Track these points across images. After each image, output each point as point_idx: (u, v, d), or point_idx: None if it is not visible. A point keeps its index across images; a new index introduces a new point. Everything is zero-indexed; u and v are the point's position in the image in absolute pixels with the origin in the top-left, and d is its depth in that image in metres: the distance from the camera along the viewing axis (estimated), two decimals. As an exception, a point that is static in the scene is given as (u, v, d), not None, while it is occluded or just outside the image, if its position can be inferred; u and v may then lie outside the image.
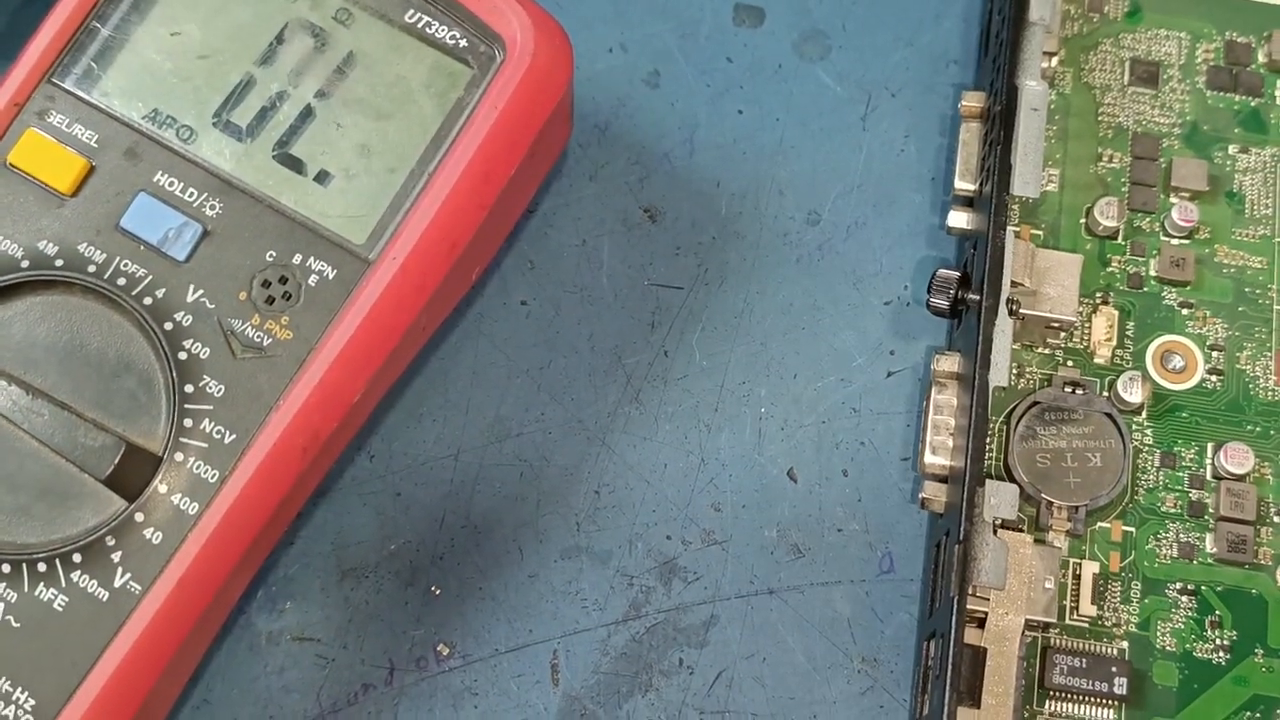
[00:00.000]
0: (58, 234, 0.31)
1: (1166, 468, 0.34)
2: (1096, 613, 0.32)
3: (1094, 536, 0.33)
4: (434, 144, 0.31)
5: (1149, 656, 0.32)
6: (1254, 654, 0.32)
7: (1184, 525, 0.33)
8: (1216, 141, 0.36)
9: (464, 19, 0.32)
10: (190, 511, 0.29)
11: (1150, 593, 0.33)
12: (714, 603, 0.34)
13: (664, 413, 0.35)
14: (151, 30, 0.32)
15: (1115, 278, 0.35)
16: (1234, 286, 0.35)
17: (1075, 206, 0.36)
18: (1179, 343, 0.35)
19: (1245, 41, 0.37)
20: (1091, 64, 0.37)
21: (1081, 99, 0.37)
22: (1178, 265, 0.35)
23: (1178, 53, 0.37)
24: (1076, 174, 0.36)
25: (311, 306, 0.31)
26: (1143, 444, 0.34)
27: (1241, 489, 0.33)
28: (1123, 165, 0.36)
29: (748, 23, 0.39)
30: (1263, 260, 0.35)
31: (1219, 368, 0.34)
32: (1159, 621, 0.32)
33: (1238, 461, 0.33)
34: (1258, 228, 0.36)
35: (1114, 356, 0.34)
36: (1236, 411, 0.34)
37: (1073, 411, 0.33)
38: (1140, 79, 0.37)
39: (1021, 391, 0.34)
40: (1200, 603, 0.32)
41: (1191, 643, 0.32)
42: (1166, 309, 0.35)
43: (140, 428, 0.30)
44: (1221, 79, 0.37)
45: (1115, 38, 0.37)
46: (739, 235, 0.37)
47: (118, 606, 0.29)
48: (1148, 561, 0.33)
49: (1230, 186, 0.36)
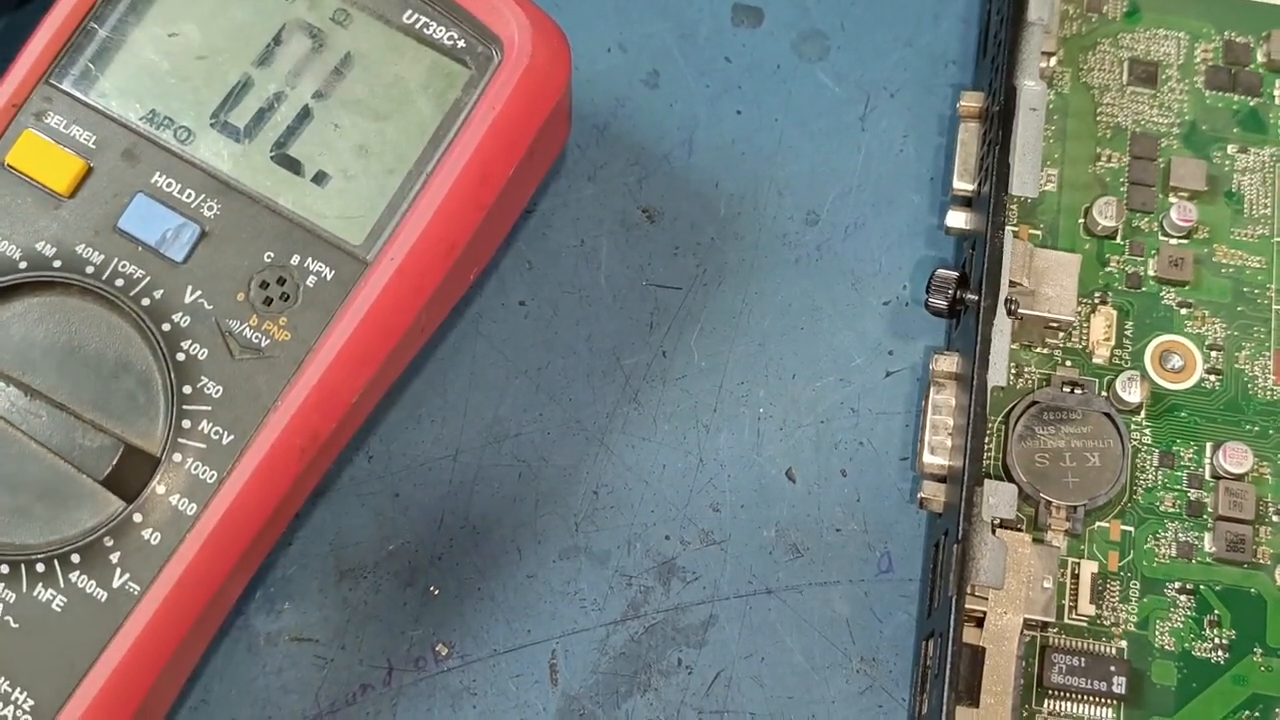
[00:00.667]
0: (55, 235, 0.31)
1: (1165, 467, 0.34)
2: (1095, 612, 0.32)
3: (1092, 536, 0.33)
4: (432, 145, 0.31)
5: (1148, 656, 0.32)
6: (1253, 653, 0.32)
7: (1183, 525, 0.33)
8: (1215, 141, 0.36)
9: (462, 19, 0.32)
10: (188, 512, 0.29)
11: (1149, 592, 0.33)
12: (713, 603, 0.34)
13: (662, 413, 0.35)
14: (149, 31, 0.32)
15: (1114, 277, 0.35)
16: (1233, 286, 0.35)
17: (1074, 206, 0.36)
18: (1178, 342, 0.35)
19: (1244, 41, 0.37)
20: (1090, 64, 0.37)
21: (1080, 99, 0.37)
22: (1176, 265, 0.35)
23: (1176, 53, 0.37)
24: (1075, 174, 0.36)
25: (309, 307, 0.31)
26: (1141, 444, 0.34)
27: (1240, 488, 0.33)
28: (1121, 165, 0.36)
29: (746, 23, 0.39)
30: (1261, 260, 0.35)
31: (1218, 367, 0.34)
32: (1158, 621, 0.32)
33: (1236, 461, 0.33)
34: (1256, 227, 0.36)
35: (1112, 356, 0.34)
36: (1235, 411, 0.34)
37: (1071, 411, 0.33)
38: (1139, 79, 0.37)
39: (1020, 391, 0.34)
40: (1199, 602, 0.32)
41: (1190, 642, 0.32)
42: (1165, 309, 0.35)
43: (138, 429, 0.30)
44: (1220, 79, 0.37)
45: (1114, 37, 0.37)
46: (738, 236, 0.37)
47: (116, 607, 0.29)
48: (1146, 561, 0.33)
49: (1229, 186, 0.36)
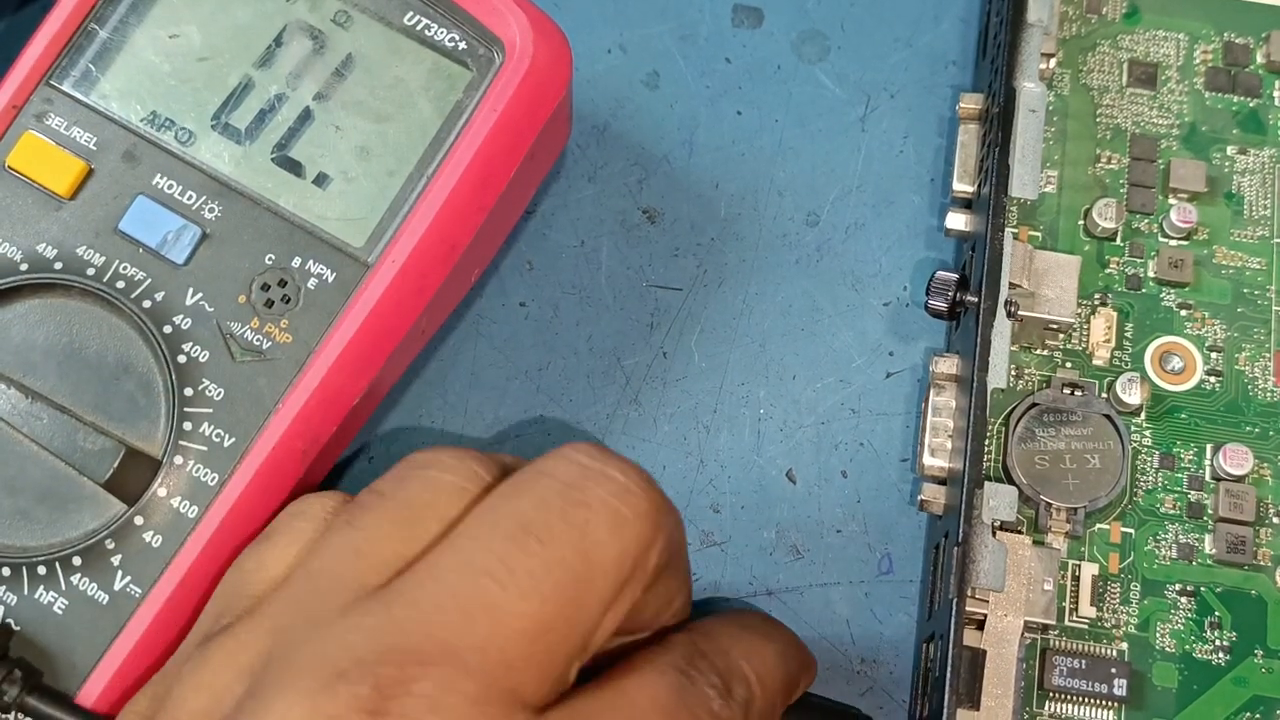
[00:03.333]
0: (56, 237, 0.31)
1: (1166, 469, 0.34)
2: (1096, 614, 0.32)
3: (1093, 538, 0.33)
4: (433, 147, 0.31)
5: (1149, 658, 0.32)
6: (1254, 655, 0.32)
7: (1183, 526, 0.33)
8: (1215, 143, 0.36)
9: (463, 21, 0.32)
10: (190, 515, 0.30)
11: (1150, 594, 0.33)
12: (713, 604, 0.34)
13: (663, 414, 0.35)
14: (150, 32, 0.32)
15: (1114, 279, 0.35)
16: (1232, 288, 0.35)
17: (1074, 208, 0.36)
18: (1178, 344, 0.35)
19: (1243, 42, 0.37)
20: (1090, 65, 0.37)
21: (1080, 100, 0.37)
22: (1176, 266, 0.35)
23: (1176, 54, 0.37)
24: (1075, 175, 0.36)
25: (311, 309, 0.31)
26: (1141, 445, 0.34)
27: (1241, 490, 0.33)
28: (1121, 166, 0.36)
29: (747, 24, 0.39)
30: (1261, 261, 0.35)
31: (1218, 369, 0.34)
32: (1158, 623, 0.32)
33: (1237, 463, 0.33)
34: (1256, 228, 0.36)
35: (1112, 358, 0.34)
36: (1235, 413, 0.34)
37: (1071, 413, 0.34)
38: (1138, 80, 0.37)
39: (1020, 393, 0.34)
40: (1200, 604, 0.32)
41: (1191, 644, 0.32)
42: (1165, 310, 0.35)
43: (139, 431, 0.30)
44: (1220, 80, 0.37)
45: (1114, 39, 0.37)
46: (738, 236, 0.37)
47: (118, 609, 0.29)
48: (1147, 563, 0.33)
49: (1229, 187, 0.36)
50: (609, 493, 0.26)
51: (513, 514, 0.26)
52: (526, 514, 0.26)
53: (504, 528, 0.26)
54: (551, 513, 0.26)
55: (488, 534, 0.26)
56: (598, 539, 0.26)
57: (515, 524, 0.26)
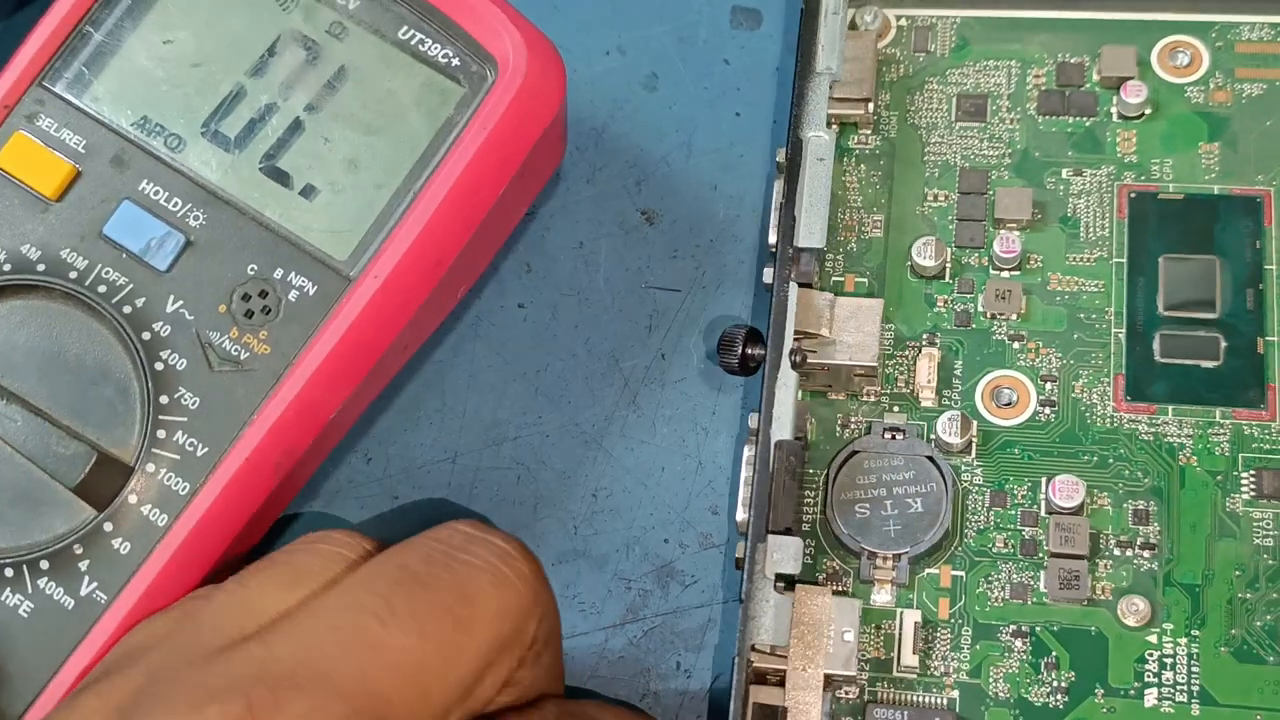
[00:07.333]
0: (41, 238, 0.31)
1: (997, 506, 0.32)
2: (919, 663, 0.31)
3: (922, 584, 0.32)
4: (422, 162, 0.31)
5: (980, 705, 0.31)
6: (1094, 694, 0.31)
7: (1017, 565, 0.32)
8: (1048, 167, 0.35)
9: (457, 37, 0.32)
10: (159, 523, 0.30)
11: (981, 638, 0.31)
12: (711, 606, 0.34)
13: (661, 416, 0.35)
14: (144, 37, 0.32)
15: (943, 317, 0.34)
16: (1068, 314, 0.34)
17: (900, 249, 0.35)
18: (1010, 377, 0.34)
19: (1078, 61, 0.36)
20: (918, 104, 0.37)
21: (907, 140, 0.36)
22: (1003, 298, 0.34)
23: (1007, 82, 0.36)
24: (901, 216, 0.35)
25: (291, 322, 0.31)
26: (972, 484, 0.33)
27: (1072, 523, 0.32)
28: (950, 203, 0.35)
29: (745, 25, 0.39)
30: (1099, 283, 0.34)
31: (1052, 399, 0.33)
32: (991, 667, 0.31)
33: (1067, 495, 0.32)
34: (1094, 250, 0.34)
35: (940, 398, 0.34)
36: (1072, 442, 0.33)
37: (894, 458, 0.33)
38: (967, 113, 0.36)
39: (843, 441, 0.33)
40: (1035, 644, 0.31)
41: (1027, 687, 0.31)
42: (996, 344, 0.34)
43: (113, 437, 0.30)
44: (1052, 103, 0.36)
45: (942, 75, 0.37)
46: (736, 238, 0.37)
47: (83, 615, 0.29)
48: (979, 606, 0.32)
49: (1064, 211, 0.35)
50: (493, 554, 0.28)
51: (399, 564, 0.27)
52: (412, 565, 0.27)
53: (390, 575, 0.27)
54: (436, 565, 0.27)
55: (372, 579, 0.27)
56: (480, 588, 0.27)
57: (401, 572, 0.27)
